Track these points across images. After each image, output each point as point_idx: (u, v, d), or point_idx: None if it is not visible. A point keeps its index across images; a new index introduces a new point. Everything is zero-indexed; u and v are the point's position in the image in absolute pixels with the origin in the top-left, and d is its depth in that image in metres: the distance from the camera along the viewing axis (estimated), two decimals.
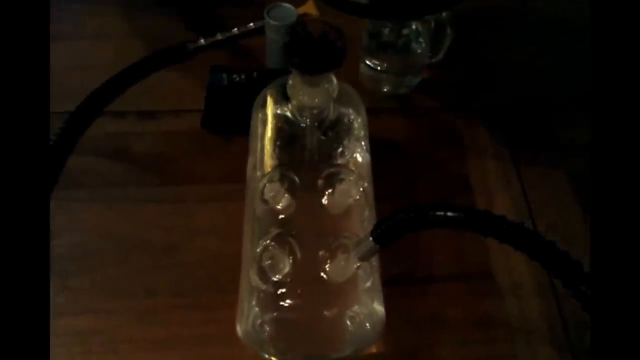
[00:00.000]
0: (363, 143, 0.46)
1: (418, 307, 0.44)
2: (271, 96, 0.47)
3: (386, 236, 0.34)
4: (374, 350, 0.42)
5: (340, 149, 0.45)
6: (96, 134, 0.52)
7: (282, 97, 0.45)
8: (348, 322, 0.38)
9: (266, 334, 0.38)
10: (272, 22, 0.56)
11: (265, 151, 0.45)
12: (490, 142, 0.55)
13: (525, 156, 0.55)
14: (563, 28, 0.65)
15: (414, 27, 0.55)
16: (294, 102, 0.44)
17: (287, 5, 0.57)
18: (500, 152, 0.55)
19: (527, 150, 0.55)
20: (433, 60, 0.57)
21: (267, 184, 0.42)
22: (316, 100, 0.43)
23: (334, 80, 0.43)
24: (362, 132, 0.47)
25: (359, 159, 0.46)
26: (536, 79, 0.61)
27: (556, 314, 0.45)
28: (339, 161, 0.45)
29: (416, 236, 0.34)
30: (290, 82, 0.43)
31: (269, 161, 0.45)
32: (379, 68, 0.57)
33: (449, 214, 0.31)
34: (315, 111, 0.44)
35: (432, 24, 0.54)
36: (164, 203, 0.49)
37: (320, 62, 0.40)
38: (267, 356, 0.38)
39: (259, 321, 0.38)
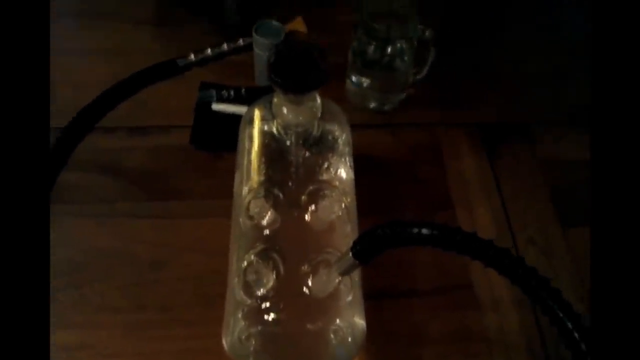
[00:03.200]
0: (347, 159, 0.48)
1: (400, 321, 0.45)
2: (258, 113, 0.49)
3: (365, 253, 0.35)
4: None
5: (325, 165, 0.47)
6: (86, 150, 0.53)
7: (269, 114, 0.47)
8: (332, 336, 0.39)
9: (251, 347, 0.39)
10: (260, 39, 0.57)
11: (252, 167, 0.46)
12: (471, 157, 0.57)
13: (506, 171, 0.56)
14: (544, 46, 0.67)
15: (398, 45, 0.56)
16: (279, 120, 0.45)
17: (275, 22, 0.59)
18: (482, 166, 0.56)
19: (508, 165, 0.56)
20: (417, 77, 0.59)
21: (252, 200, 0.43)
22: (300, 118, 0.44)
23: (318, 99, 0.44)
24: (347, 149, 0.48)
25: (343, 174, 0.47)
26: (517, 95, 0.62)
27: (534, 327, 0.46)
28: (323, 177, 0.46)
29: (399, 249, 0.36)
30: (274, 100, 0.44)
31: (255, 177, 0.46)
32: (364, 85, 0.58)
33: (424, 231, 0.32)
34: (299, 129, 0.45)
35: (416, 43, 0.56)
36: (152, 218, 0.50)
37: (302, 82, 0.41)
38: None
39: (245, 335, 0.39)
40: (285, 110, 0.44)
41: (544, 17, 0.69)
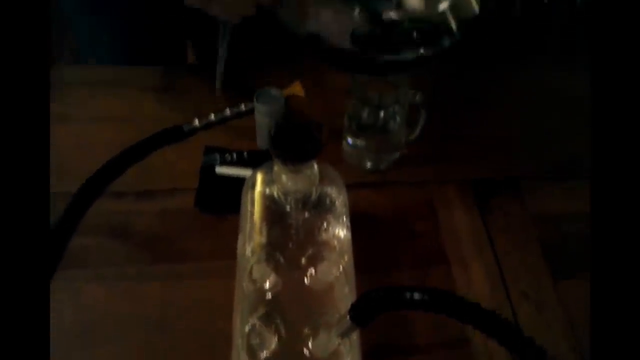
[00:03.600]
0: (344, 219, 0.50)
1: None
2: (260, 177, 0.52)
3: (362, 316, 0.37)
4: None
5: (323, 226, 0.49)
6: (95, 214, 0.55)
7: (270, 179, 0.49)
8: None
9: None
10: (260, 105, 0.61)
11: (254, 230, 0.49)
12: (464, 212, 0.59)
13: (498, 225, 0.58)
14: (532, 105, 0.70)
15: (391, 109, 0.60)
16: (279, 186, 0.48)
17: (274, 90, 0.62)
18: (474, 221, 0.59)
19: (500, 219, 0.59)
20: (410, 138, 0.62)
21: (254, 265, 0.45)
22: (298, 185, 0.47)
23: (315, 167, 0.47)
24: (344, 209, 0.51)
25: (340, 235, 0.49)
26: (506, 151, 0.65)
27: None
28: (322, 238, 0.48)
29: None
30: (275, 168, 0.47)
31: (257, 239, 0.48)
32: (360, 146, 0.61)
33: (415, 296, 0.35)
34: (298, 195, 0.48)
35: (407, 107, 0.60)
36: (159, 280, 0.52)
37: (300, 154, 0.44)
38: None
39: None
40: (284, 178, 0.47)
41: (529, 74, 0.73)
